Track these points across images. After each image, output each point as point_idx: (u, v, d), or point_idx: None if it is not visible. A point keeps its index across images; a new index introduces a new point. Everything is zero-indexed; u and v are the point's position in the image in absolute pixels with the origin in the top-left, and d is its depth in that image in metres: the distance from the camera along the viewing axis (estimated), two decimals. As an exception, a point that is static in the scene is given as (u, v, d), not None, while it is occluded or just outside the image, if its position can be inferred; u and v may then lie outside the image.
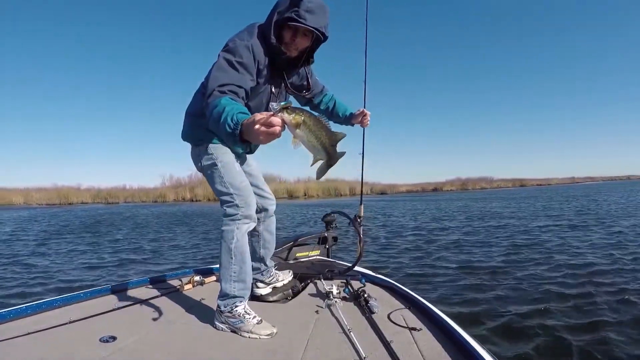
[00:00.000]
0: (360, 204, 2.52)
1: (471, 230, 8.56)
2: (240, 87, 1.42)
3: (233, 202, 1.64)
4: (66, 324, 1.61)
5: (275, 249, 2.67)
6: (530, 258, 5.20)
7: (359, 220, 2.45)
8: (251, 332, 1.53)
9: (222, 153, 1.68)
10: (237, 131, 1.11)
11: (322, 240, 2.89)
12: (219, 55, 1.49)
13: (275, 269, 2.12)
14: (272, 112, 1.01)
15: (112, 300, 1.94)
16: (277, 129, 1.00)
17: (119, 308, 1.82)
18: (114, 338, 1.46)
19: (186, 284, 2.13)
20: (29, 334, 1.49)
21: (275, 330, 1.55)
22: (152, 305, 1.87)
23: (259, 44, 1.53)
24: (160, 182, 44.70)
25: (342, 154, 1.38)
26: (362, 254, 2.28)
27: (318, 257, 2.84)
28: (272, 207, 1.99)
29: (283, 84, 1.75)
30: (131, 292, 2.08)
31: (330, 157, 1.33)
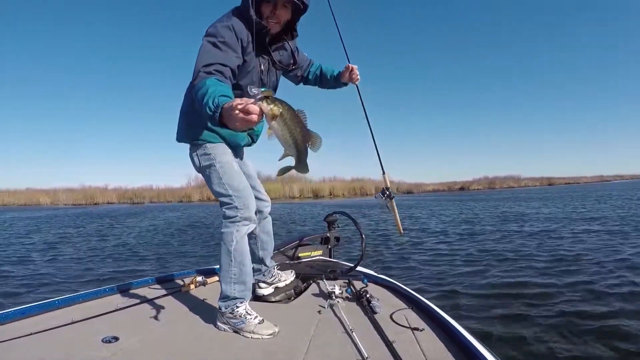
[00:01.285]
0: (383, 173, 2.10)
1: (503, 236, 7.69)
2: (225, 65, 1.42)
3: (232, 204, 1.63)
4: (68, 324, 1.62)
5: (281, 248, 2.67)
6: (568, 266, 4.72)
7: (387, 192, 2.00)
8: (253, 332, 1.51)
9: (220, 153, 1.66)
10: (217, 114, 1.12)
11: (325, 241, 2.88)
12: (202, 40, 1.50)
13: (278, 269, 2.11)
14: (252, 100, 0.99)
15: (114, 300, 1.94)
16: (254, 117, 1.00)
17: (121, 308, 1.82)
18: (116, 338, 1.46)
19: (188, 284, 2.14)
20: (31, 334, 1.50)
21: (277, 330, 1.53)
22: (154, 306, 1.87)
23: (239, 22, 1.53)
24: (185, 182, 45.48)
25: (307, 170, 1.30)
26: (365, 254, 2.24)
27: (320, 257, 2.82)
28: (267, 209, 1.97)
29: (270, 61, 1.73)
30: (133, 293, 2.09)
31: (299, 156, 1.26)
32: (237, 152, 1.83)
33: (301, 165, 1.29)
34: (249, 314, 1.57)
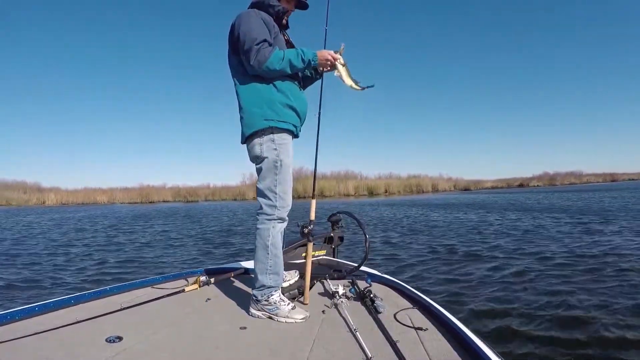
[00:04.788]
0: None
1: (522, 237, 6.79)
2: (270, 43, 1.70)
3: (273, 203, 1.74)
4: (72, 324, 1.62)
5: (287, 246, 2.66)
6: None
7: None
8: (287, 317, 1.65)
9: (285, 153, 1.75)
10: (316, 56, 1.74)
11: (329, 240, 2.88)
12: (239, 35, 1.71)
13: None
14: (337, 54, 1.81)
15: (118, 300, 1.95)
16: (334, 61, 1.78)
17: (125, 308, 1.83)
18: (120, 338, 1.47)
19: (192, 284, 2.15)
20: (35, 334, 1.50)
21: (308, 314, 1.67)
22: (158, 305, 1.88)
23: (264, 14, 1.77)
24: (240, 181, 45.13)
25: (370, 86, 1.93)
26: (369, 254, 2.25)
27: (324, 256, 2.82)
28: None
29: (286, 41, 1.92)
30: (137, 292, 2.09)
31: (355, 84, 1.89)
32: (296, 130, 1.88)
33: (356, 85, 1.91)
34: (283, 301, 1.72)
